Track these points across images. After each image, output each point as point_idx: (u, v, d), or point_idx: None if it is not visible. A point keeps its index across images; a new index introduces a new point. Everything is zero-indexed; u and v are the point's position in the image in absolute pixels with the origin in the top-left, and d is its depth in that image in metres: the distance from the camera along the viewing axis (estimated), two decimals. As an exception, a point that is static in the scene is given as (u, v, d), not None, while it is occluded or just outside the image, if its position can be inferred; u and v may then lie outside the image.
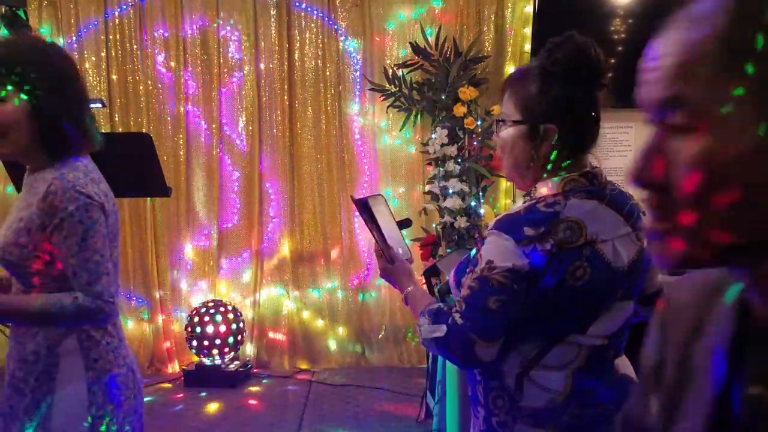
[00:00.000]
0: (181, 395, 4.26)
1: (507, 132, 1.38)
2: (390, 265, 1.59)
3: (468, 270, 1.34)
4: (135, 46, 4.69)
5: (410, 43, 4.49)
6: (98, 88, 4.70)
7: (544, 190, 1.35)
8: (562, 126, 1.34)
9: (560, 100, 1.33)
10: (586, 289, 1.26)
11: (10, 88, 1.45)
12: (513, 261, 1.25)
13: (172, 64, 4.74)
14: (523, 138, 1.36)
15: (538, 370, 1.31)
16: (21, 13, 4.41)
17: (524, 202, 1.35)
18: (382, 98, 4.53)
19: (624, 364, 1.44)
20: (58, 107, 1.49)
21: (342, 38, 4.73)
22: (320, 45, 4.72)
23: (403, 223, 1.69)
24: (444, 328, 1.32)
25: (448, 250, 4.08)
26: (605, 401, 1.35)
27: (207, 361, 4.44)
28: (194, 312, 4.50)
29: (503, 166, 1.43)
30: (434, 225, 4.45)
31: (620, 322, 1.36)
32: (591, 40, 1.36)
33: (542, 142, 1.34)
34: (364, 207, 1.61)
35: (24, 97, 1.46)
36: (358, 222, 4.83)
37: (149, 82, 4.73)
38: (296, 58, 4.73)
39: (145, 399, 4.30)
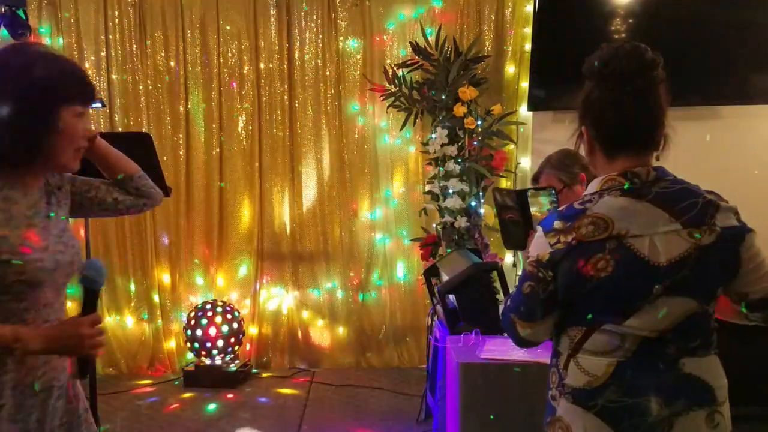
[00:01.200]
0: (181, 395, 4.25)
1: None
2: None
3: None
4: (135, 46, 4.69)
5: (410, 43, 4.49)
6: (98, 88, 4.69)
7: (591, 187, 1.47)
8: (592, 127, 1.47)
9: (587, 103, 1.47)
10: (611, 280, 1.36)
11: None
12: (538, 251, 1.43)
13: (172, 64, 4.73)
14: (577, 135, 1.53)
15: (584, 354, 1.43)
16: (21, 13, 4.41)
17: None
18: (382, 98, 4.53)
19: (700, 367, 1.43)
20: None
21: (342, 38, 4.73)
22: (320, 45, 4.71)
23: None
24: (501, 309, 1.54)
25: (448, 250, 4.08)
26: (648, 394, 1.39)
27: (207, 361, 4.43)
28: (194, 312, 4.50)
29: None
30: (434, 225, 4.45)
31: (673, 319, 1.39)
32: (632, 45, 1.45)
33: (582, 141, 1.51)
34: (524, 197, 1.76)
35: None
36: (358, 222, 4.83)
37: (149, 82, 4.72)
38: (296, 58, 4.72)
39: (145, 399, 4.31)
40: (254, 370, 4.68)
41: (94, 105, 3.76)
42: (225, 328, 4.41)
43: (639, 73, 1.42)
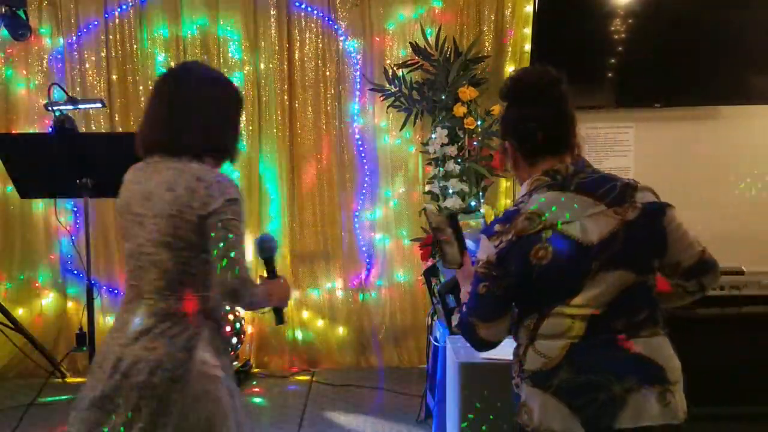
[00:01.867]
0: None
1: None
2: (468, 268, 1.82)
3: None
4: (135, 46, 4.69)
5: (410, 43, 4.49)
6: (98, 88, 4.69)
7: (522, 191, 1.66)
8: (513, 141, 1.67)
9: (506, 121, 1.70)
10: (553, 265, 1.52)
11: None
12: (487, 254, 1.58)
13: (172, 64, 4.73)
14: (501, 151, 1.73)
15: (540, 339, 1.56)
16: (21, 13, 4.40)
17: None
18: (382, 98, 4.53)
19: (650, 347, 1.54)
20: None
21: (342, 38, 4.73)
22: (320, 45, 4.71)
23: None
24: (458, 317, 1.68)
25: (448, 250, 4.07)
26: (599, 372, 1.50)
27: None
28: (194, 312, 4.49)
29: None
30: (434, 225, 4.44)
31: (613, 291, 1.53)
32: (538, 66, 1.70)
33: (507, 157, 1.71)
34: (455, 221, 1.88)
35: None
36: (358, 222, 4.83)
37: (149, 82, 4.72)
38: (296, 58, 4.72)
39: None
40: (254, 370, 4.68)
41: (94, 105, 3.77)
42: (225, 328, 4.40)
43: (546, 88, 1.63)
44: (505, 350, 2.41)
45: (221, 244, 1.68)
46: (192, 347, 1.76)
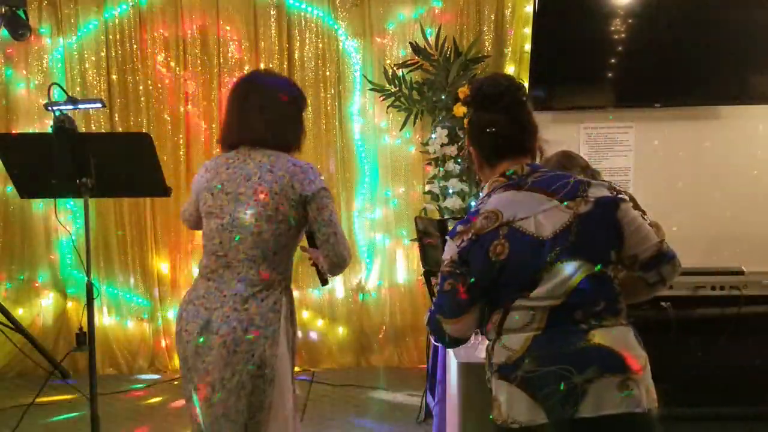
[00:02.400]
0: (181, 395, 4.25)
1: None
2: None
3: None
4: (135, 46, 4.70)
5: (410, 43, 4.49)
6: (98, 88, 4.70)
7: (483, 192, 1.74)
8: (476, 145, 1.76)
9: (470, 126, 1.77)
10: (511, 260, 1.59)
11: None
12: (450, 253, 1.65)
13: (172, 64, 4.74)
14: (467, 156, 1.82)
15: (505, 333, 1.62)
16: (21, 13, 4.40)
17: None
18: (382, 98, 4.53)
19: (610, 337, 1.57)
20: None
21: (342, 38, 4.73)
22: (320, 45, 4.72)
23: None
24: (426, 316, 1.73)
25: (448, 250, 4.08)
26: (561, 363, 1.54)
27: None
28: (194, 312, 4.49)
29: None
30: (434, 225, 4.45)
31: (570, 282, 1.58)
32: (497, 74, 1.85)
33: (473, 158, 1.78)
34: (444, 226, 2.07)
35: None
36: (358, 222, 4.83)
37: (149, 82, 4.73)
38: (296, 58, 4.73)
39: (145, 399, 4.30)
40: (254, 370, 4.68)
41: (94, 105, 3.77)
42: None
43: (504, 94, 1.69)
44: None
45: (329, 223, 2.03)
46: (278, 310, 2.02)
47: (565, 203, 1.61)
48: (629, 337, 1.60)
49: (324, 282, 2.33)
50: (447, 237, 1.69)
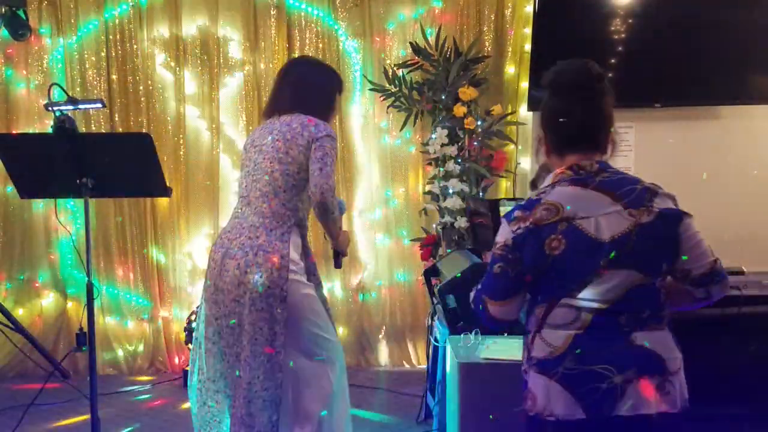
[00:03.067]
0: (181, 395, 4.25)
1: None
2: None
3: None
4: (135, 46, 4.69)
5: (410, 43, 4.49)
6: (98, 88, 4.70)
7: (546, 181, 1.70)
8: (547, 131, 1.73)
9: (544, 111, 1.74)
10: (565, 257, 1.58)
11: None
12: (504, 237, 1.65)
13: (172, 64, 4.74)
14: (536, 139, 1.78)
15: (547, 328, 1.63)
16: (21, 13, 4.40)
17: None
18: (382, 98, 4.53)
19: (651, 339, 1.59)
20: None
21: (342, 38, 4.73)
22: (320, 45, 4.71)
23: None
24: (472, 294, 1.76)
25: (448, 250, 4.07)
26: (603, 363, 1.56)
27: (207, 361, 4.43)
28: (194, 312, 4.49)
29: None
30: (434, 225, 4.44)
31: (619, 289, 1.58)
32: (581, 61, 1.71)
33: (541, 145, 1.75)
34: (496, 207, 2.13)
35: None
36: (358, 222, 4.83)
37: (149, 82, 4.73)
38: (296, 58, 4.73)
39: (145, 399, 4.30)
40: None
41: (94, 105, 3.77)
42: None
43: (586, 84, 1.66)
44: (505, 350, 2.42)
45: (320, 160, 2.31)
46: (286, 240, 2.33)
47: (629, 210, 1.59)
48: (669, 340, 1.63)
49: (338, 264, 2.62)
50: (503, 219, 1.69)
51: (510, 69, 4.62)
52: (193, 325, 4.42)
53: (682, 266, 1.64)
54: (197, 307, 4.49)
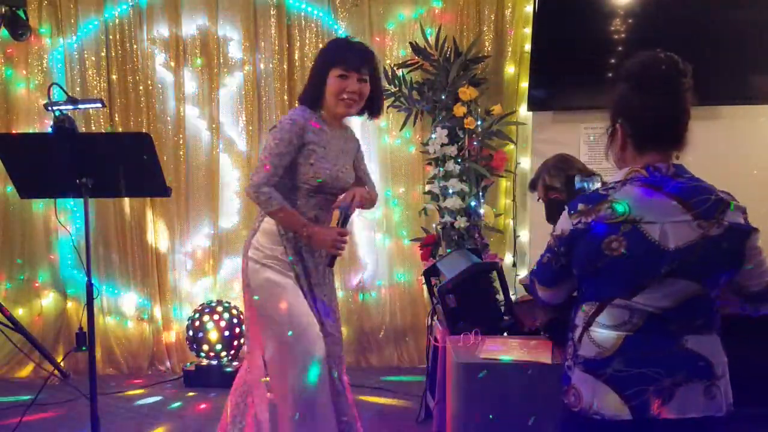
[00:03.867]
0: (181, 395, 4.25)
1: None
2: None
3: None
4: (135, 46, 4.69)
5: (410, 43, 4.49)
6: (98, 88, 4.70)
7: (617, 176, 1.66)
8: (627, 125, 1.65)
9: (624, 104, 1.66)
10: (623, 259, 1.55)
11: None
12: (561, 228, 1.65)
13: (172, 64, 4.74)
14: (609, 132, 1.73)
15: (596, 327, 1.62)
16: (21, 13, 4.41)
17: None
18: (382, 98, 4.52)
19: (701, 344, 1.59)
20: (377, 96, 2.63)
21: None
22: (320, 45, 4.70)
23: None
24: (527, 275, 1.85)
25: (448, 250, 4.07)
26: (652, 366, 1.56)
27: (207, 361, 4.43)
28: (194, 312, 4.50)
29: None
30: (434, 225, 4.44)
31: (676, 298, 1.56)
32: (666, 54, 1.66)
33: (614, 137, 1.70)
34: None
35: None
36: (358, 222, 4.83)
37: (149, 82, 4.73)
38: (296, 58, 4.72)
39: (145, 399, 4.30)
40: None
41: (94, 105, 3.77)
42: (226, 328, 4.40)
43: (674, 79, 1.61)
44: (506, 350, 2.41)
45: (264, 149, 2.40)
46: (254, 228, 2.54)
47: (698, 222, 1.56)
48: (717, 344, 1.63)
49: (329, 263, 2.55)
50: (566, 206, 1.67)
51: (510, 69, 4.62)
52: (197, 325, 4.42)
53: (740, 280, 1.64)
54: (197, 307, 4.51)
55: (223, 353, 4.43)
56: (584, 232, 1.59)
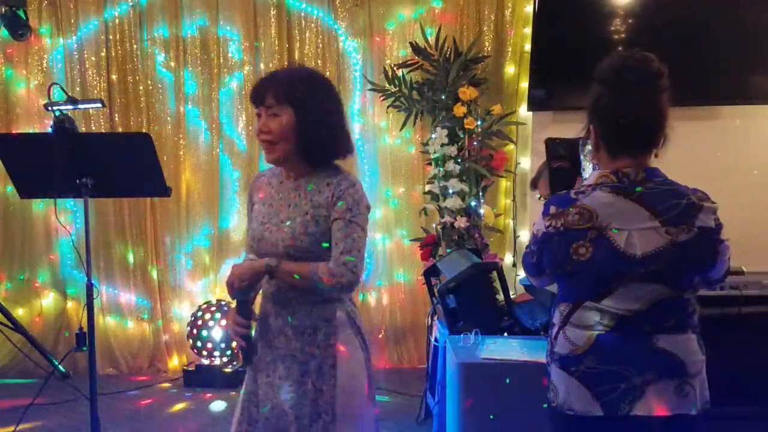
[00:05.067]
0: (181, 395, 4.25)
1: None
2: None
3: None
4: (135, 46, 4.70)
5: (410, 43, 4.49)
6: (98, 88, 4.70)
7: (589, 180, 1.66)
8: (600, 128, 1.63)
9: (598, 106, 1.63)
10: (589, 264, 1.57)
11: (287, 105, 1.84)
12: (537, 228, 1.68)
13: (172, 64, 4.74)
14: (586, 131, 1.69)
15: (570, 326, 1.64)
16: (21, 13, 4.41)
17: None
18: (382, 98, 4.53)
19: (674, 343, 1.59)
20: (318, 125, 1.90)
21: (342, 38, 4.73)
22: (320, 45, 4.71)
23: None
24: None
25: (448, 250, 4.07)
26: (623, 364, 1.58)
27: (207, 361, 4.43)
28: (194, 312, 4.50)
29: None
30: (434, 225, 4.44)
31: (646, 301, 1.56)
32: (641, 54, 1.63)
33: (588, 139, 1.69)
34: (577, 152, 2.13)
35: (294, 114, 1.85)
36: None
37: (149, 82, 4.73)
38: (296, 58, 4.72)
39: (145, 399, 4.30)
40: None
41: (94, 105, 3.77)
42: (226, 328, 4.40)
43: (647, 82, 1.58)
44: (505, 351, 2.41)
45: None
46: None
47: (666, 228, 1.54)
48: (691, 343, 1.62)
49: (244, 358, 1.97)
50: (542, 212, 1.67)
51: (510, 69, 4.62)
52: (199, 321, 4.42)
53: (708, 276, 1.64)
54: (197, 307, 4.51)
55: (223, 353, 4.43)
56: (553, 236, 1.61)
